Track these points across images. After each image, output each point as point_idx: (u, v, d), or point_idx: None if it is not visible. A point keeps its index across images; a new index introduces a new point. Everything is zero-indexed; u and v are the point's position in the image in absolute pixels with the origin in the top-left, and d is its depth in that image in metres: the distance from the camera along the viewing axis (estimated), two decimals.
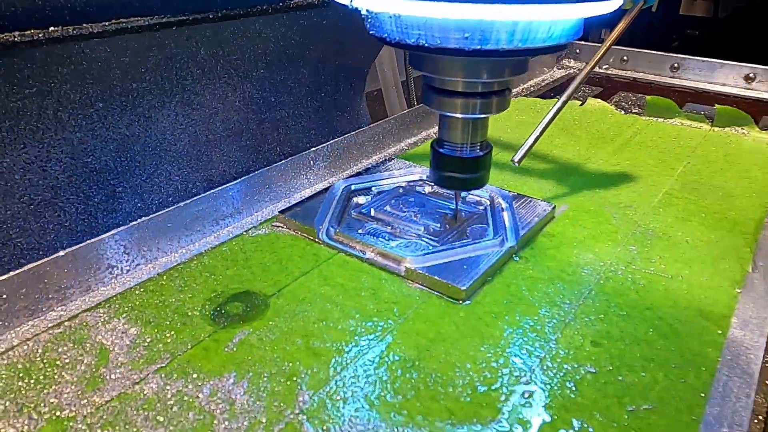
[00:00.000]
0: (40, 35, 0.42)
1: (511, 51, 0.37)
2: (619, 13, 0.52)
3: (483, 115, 0.44)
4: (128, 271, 0.48)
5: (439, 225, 0.50)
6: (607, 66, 1.12)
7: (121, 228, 0.47)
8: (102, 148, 0.51)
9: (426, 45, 0.37)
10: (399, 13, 0.37)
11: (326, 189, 0.56)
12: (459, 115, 0.44)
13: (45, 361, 0.36)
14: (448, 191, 0.55)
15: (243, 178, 0.55)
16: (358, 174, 0.60)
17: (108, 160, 0.52)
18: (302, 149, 0.61)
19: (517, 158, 0.52)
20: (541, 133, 0.52)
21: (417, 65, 0.43)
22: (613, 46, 1.15)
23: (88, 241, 0.45)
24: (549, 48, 0.38)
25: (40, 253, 0.50)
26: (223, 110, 0.62)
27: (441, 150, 0.46)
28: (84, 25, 0.45)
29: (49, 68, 0.44)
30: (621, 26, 0.53)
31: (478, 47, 0.36)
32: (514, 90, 1.01)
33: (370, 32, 0.41)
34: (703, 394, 0.34)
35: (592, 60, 0.54)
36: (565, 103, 0.53)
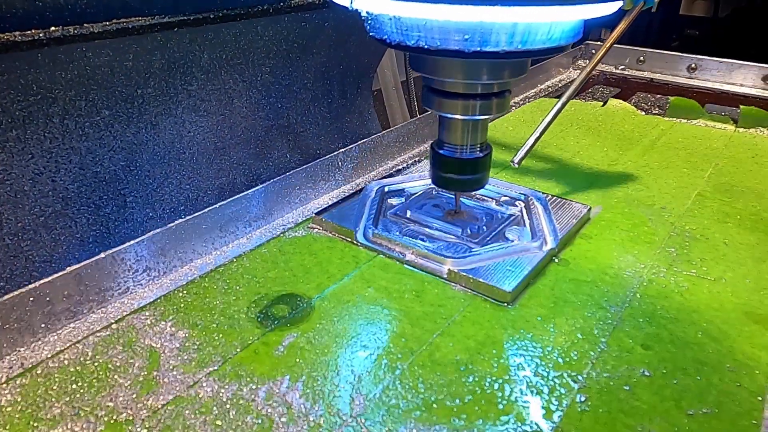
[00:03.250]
0: (41, 35, 0.42)
1: (511, 53, 0.37)
2: (619, 14, 0.52)
3: (483, 117, 0.44)
4: (165, 273, 0.48)
5: (476, 227, 0.50)
6: (623, 66, 1.12)
7: (158, 230, 0.47)
8: (111, 157, 0.51)
9: (426, 47, 0.37)
10: (399, 15, 0.37)
11: (359, 191, 0.56)
12: (459, 117, 0.44)
13: (96, 364, 0.36)
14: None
15: (273, 180, 0.55)
16: (390, 175, 0.60)
17: (117, 169, 0.51)
18: (312, 155, 0.61)
19: (516, 159, 0.51)
20: (541, 134, 0.52)
21: (417, 67, 0.43)
22: (630, 47, 1.15)
23: (127, 243, 0.45)
24: (549, 50, 0.38)
25: (53, 265, 0.49)
26: (231, 116, 0.62)
27: (440, 151, 0.46)
28: (85, 25, 0.44)
29: (52, 73, 0.44)
30: (621, 27, 0.53)
31: (478, 49, 0.36)
32: (532, 91, 1.00)
33: (370, 34, 0.41)
34: (760, 398, 0.34)
35: (592, 62, 0.54)
36: (564, 104, 0.53)
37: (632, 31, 0.56)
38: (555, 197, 0.55)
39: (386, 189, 0.56)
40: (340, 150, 0.63)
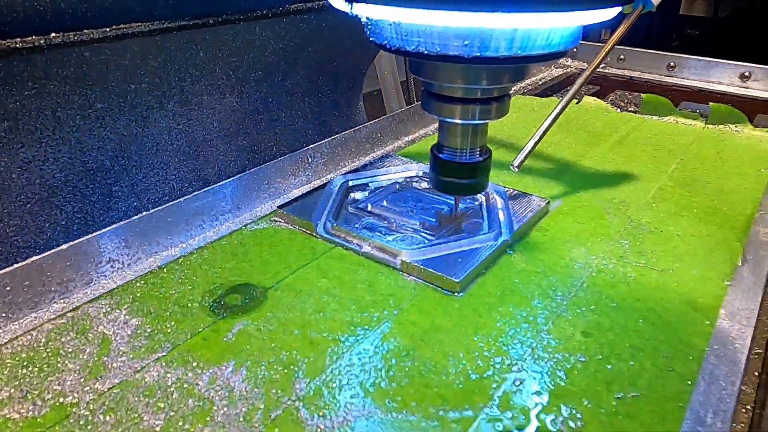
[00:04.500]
0: (41, 41, 0.42)
1: (510, 58, 0.37)
2: (620, 17, 0.52)
3: (482, 121, 0.44)
4: (129, 264, 0.49)
5: (434, 220, 0.51)
6: (604, 65, 1.12)
7: (122, 222, 0.48)
8: (99, 148, 0.51)
9: (426, 52, 0.38)
10: (399, 21, 0.37)
11: (324, 185, 0.57)
12: (458, 121, 0.44)
13: (48, 350, 0.37)
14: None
15: (241, 174, 0.56)
16: (356, 170, 0.61)
17: (105, 159, 0.52)
18: (298, 149, 0.62)
19: (516, 163, 0.52)
20: (541, 137, 0.53)
21: (417, 71, 0.44)
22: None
23: (90, 235, 0.46)
24: (548, 55, 0.38)
25: (37, 251, 0.50)
26: (220, 111, 0.62)
27: (440, 155, 0.47)
28: (85, 30, 0.45)
29: (48, 71, 0.44)
30: (620, 30, 0.53)
31: (478, 54, 0.37)
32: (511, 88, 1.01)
33: (370, 39, 0.41)
34: (689, 382, 0.35)
35: (592, 65, 0.54)
36: (564, 107, 0.53)
37: (632, 31, 0.56)
38: (515, 191, 0.56)
39: (350, 183, 0.57)
40: (310, 146, 0.64)
